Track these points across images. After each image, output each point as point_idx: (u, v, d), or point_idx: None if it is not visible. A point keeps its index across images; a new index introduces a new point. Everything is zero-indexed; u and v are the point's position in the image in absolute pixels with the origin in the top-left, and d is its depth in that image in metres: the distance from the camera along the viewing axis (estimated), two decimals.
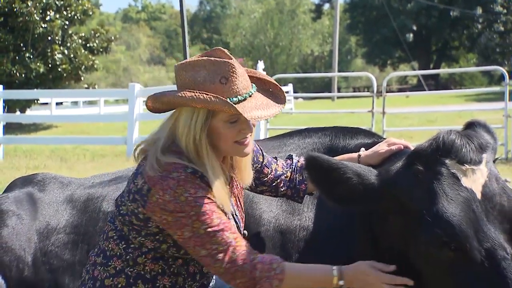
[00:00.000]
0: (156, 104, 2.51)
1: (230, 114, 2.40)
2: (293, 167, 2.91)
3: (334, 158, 2.66)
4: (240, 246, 2.40)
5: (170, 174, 2.39)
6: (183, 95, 2.39)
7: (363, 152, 2.86)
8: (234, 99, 2.40)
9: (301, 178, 2.86)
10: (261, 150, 2.86)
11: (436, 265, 2.27)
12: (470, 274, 2.21)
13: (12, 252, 3.12)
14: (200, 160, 2.44)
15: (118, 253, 2.55)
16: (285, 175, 2.87)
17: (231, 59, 2.47)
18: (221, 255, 2.37)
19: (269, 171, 2.83)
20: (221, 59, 2.45)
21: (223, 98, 2.35)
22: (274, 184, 2.84)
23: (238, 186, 2.73)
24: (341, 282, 2.41)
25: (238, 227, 2.63)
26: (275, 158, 2.91)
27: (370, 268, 2.41)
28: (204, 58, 2.47)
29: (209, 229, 2.37)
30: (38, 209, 3.31)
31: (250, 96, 2.46)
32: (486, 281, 2.19)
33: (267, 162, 2.84)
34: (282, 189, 2.86)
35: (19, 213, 3.26)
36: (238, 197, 2.73)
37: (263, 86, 2.61)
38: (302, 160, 2.91)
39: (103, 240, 2.63)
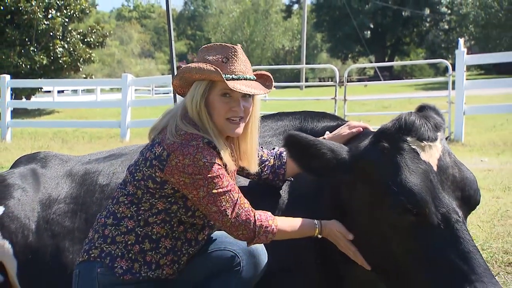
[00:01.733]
0: (175, 81, 2.63)
1: (223, 88, 2.48)
2: (274, 154, 2.90)
3: None
4: (243, 204, 2.48)
5: (190, 142, 2.44)
6: (190, 65, 2.53)
7: (327, 135, 2.87)
8: (228, 76, 2.47)
9: (279, 163, 2.86)
10: None
11: (399, 229, 2.28)
12: (429, 235, 2.23)
13: (18, 220, 3.09)
14: (204, 126, 2.50)
15: (129, 215, 2.56)
16: (269, 162, 2.87)
17: (239, 47, 2.58)
18: (229, 211, 2.44)
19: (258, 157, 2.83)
20: (230, 45, 2.57)
21: (215, 68, 2.44)
22: (259, 168, 2.83)
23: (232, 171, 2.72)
24: (319, 236, 2.53)
25: None
26: (261, 146, 2.91)
27: (341, 234, 2.51)
28: (219, 43, 2.60)
29: (220, 190, 2.44)
30: (41, 183, 3.28)
31: (245, 79, 2.52)
32: (442, 241, 2.20)
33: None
34: (265, 174, 2.85)
35: (24, 186, 3.23)
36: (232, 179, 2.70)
37: (264, 82, 2.66)
38: (282, 149, 2.91)
39: (113, 204, 2.63)
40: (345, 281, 2.70)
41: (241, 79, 2.51)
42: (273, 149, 2.95)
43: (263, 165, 2.84)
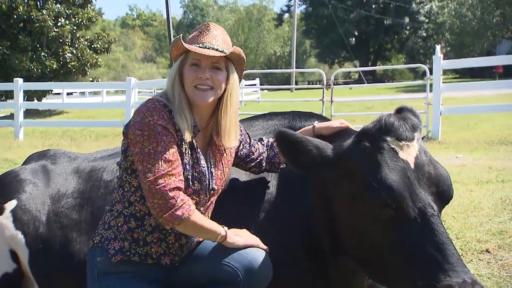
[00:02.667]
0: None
1: (192, 58, 2.49)
2: (267, 145, 2.88)
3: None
4: (168, 178, 2.35)
5: (146, 103, 2.47)
6: (171, 43, 2.55)
7: (316, 123, 2.87)
8: (197, 45, 2.47)
9: (273, 153, 2.84)
10: (248, 134, 2.85)
11: (379, 223, 2.27)
12: (406, 228, 2.22)
13: (29, 212, 3.06)
14: (173, 96, 2.49)
15: (118, 199, 2.55)
16: (265, 153, 2.84)
17: (212, 24, 2.59)
18: (149, 174, 2.34)
19: (255, 150, 2.81)
20: (206, 22, 2.60)
21: (180, 39, 2.47)
22: (258, 160, 2.81)
23: (224, 153, 2.68)
24: (222, 240, 2.46)
25: (208, 181, 2.58)
26: (255, 140, 2.89)
27: (244, 232, 2.54)
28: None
29: (152, 151, 2.36)
30: (51, 178, 3.25)
31: (213, 49, 2.48)
32: (419, 233, 2.20)
33: (253, 143, 2.83)
34: (263, 165, 2.83)
35: (35, 181, 3.20)
36: (222, 162, 2.66)
37: (237, 59, 2.62)
38: (271, 140, 2.90)
39: (112, 194, 2.65)
40: (331, 272, 2.68)
41: (209, 48, 2.47)
42: (262, 140, 2.91)
43: (261, 157, 2.82)
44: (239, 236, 2.51)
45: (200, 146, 2.59)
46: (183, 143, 2.48)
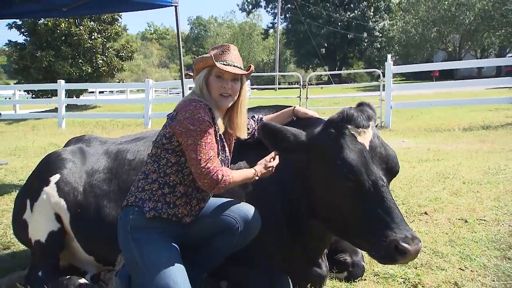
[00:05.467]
0: (194, 74, 2.61)
1: (217, 72, 2.50)
2: (257, 121, 2.92)
3: (278, 112, 2.92)
4: (214, 160, 2.39)
5: (191, 103, 2.43)
6: (198, 58, 2.56)
7: (297, 106, 2.91)
8: (221, 62, 2.50)
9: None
10: None
11: (342, 192, 2.29)
12: (362, 196, 2.24)
13: (70, 184, 3.05)
14: (204, 98, 2.50)
15: (153, 170, 2.52)
16: (256, 127, 2.88)
17: (233, 46, 2.59)
18: (202, 161, 2.35)
19: (250, 127, 2.84)
20: (227, 44, 2.60)
21: (211, 56, 2.49)
22: (252, 134, 2.85)
23: (230, 139, 2.69)
24: (256, 177, 2.53)
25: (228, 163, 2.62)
26: (248, 118, 2.88)
27: (266, 165, 2.56)
28: (221, 43, 2.61)
29: (203, 142, 2.36)
30: (86, 158, 3.23)
31: (233, 66, 2.52)
32: (372, 200, 2.22)
33: (247, 122, 2.83)
34: (255, 136, 2.86)
35: (73, 160, 3.17)
36: (230, 147, 2.69)
37: (250, 74, 2.64)
38: (260, 116, 2.96)
39: (144, 167, 2.60)
40: (307, 233, 2.68)
41: (230, 65, 2.51)
42: (254, 117, 2.94)
43: (254, 131, 2.86)
44: (259, 165, 2.56)
45: None
46: (217, 133, 2.50)
